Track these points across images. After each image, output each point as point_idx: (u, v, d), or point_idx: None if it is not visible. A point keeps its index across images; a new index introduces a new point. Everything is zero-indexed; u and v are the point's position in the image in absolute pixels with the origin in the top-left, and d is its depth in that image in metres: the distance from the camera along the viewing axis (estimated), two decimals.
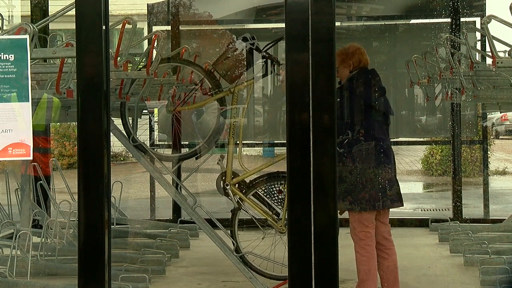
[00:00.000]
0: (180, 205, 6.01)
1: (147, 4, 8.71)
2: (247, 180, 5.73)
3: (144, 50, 6.13)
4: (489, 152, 10.17)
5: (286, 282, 4.40)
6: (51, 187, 6.99)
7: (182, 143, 7.61)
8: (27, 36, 3.22)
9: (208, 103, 5.85)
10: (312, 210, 3.04)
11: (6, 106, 3.11)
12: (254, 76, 5.75)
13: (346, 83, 4.84)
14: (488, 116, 10.91)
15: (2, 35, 4.26)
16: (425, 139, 10.96)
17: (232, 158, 5.65)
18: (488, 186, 8.81)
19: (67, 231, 6.45)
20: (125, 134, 5.92)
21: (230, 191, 5.62)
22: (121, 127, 6.01)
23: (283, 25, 3.17)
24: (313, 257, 3.04)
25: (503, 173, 13.50)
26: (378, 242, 4.88)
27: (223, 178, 5.65)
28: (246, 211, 5.70)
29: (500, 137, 18.71)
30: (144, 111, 7.28)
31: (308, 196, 3.05)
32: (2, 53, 3.11)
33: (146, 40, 6.78)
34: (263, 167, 5.77)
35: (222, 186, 5.65)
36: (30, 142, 3.13)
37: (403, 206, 4.88)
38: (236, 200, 5.64)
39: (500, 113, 16.31)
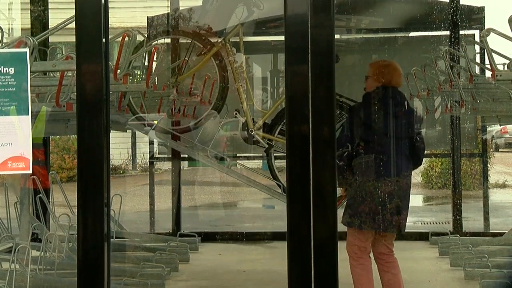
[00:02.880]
0: (215, 167, 6.06)
1: (147, 17, 8.73)
2: (268, 121, 5.76)
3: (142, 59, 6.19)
4: (489, 165, 10.15)
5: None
6: (50, 200, 6.97)
7: (182, 156, 7.61)
8: (27, 50, 3.22)
9: (205, 63, 6.00)
10: (312, 222, 3.04)
11: (5, 119, 3.11)
12: (238, 21, 5.85)
13: (367, 96, 4.85)
14: (487, 129, 10.90)
15: (2, 48, 4.27)
16: (425, 152, 10.94)
17: (248, 106, 5.66)
18: (488, 199, 8.78)
19: (66, 245, 6.42)
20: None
21: (256, 135, 5.62)
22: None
23: (282, 37, 3.18)
24: (312, 269, 3.03)
25: (503, 186, 13.47)
26: (377, 256, 4.89)
27: (246, 128, 5.65)
28: (278, 150, 5.70)
29: (500, 150, 18.68)
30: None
31: (308, 208, 3.04)
32: (2, 66, 3.11)
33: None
34: (278, 103, 5.84)
35: (247, 135, 5.66)
36: (29, 155, 3.12)
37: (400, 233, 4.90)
38: (266, 142, 5.66)
39: (500, 126, 16.30)
